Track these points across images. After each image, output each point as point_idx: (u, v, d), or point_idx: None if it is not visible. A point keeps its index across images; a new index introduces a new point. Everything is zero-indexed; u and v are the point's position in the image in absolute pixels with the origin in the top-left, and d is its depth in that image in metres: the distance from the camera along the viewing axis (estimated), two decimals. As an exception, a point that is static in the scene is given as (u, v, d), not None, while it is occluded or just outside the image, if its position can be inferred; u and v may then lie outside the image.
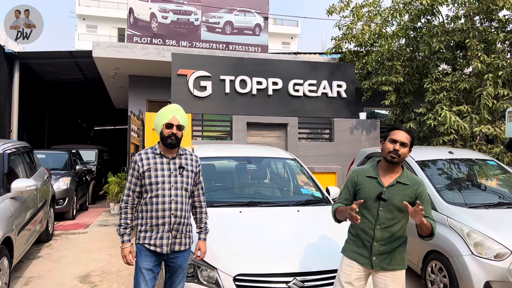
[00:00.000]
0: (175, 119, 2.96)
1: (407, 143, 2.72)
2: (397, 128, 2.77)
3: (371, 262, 2.74)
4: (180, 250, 2.98)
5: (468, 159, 5.81)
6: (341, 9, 11.09)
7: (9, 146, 5.69)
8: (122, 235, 2.96)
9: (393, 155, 2.69)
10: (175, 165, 3.00)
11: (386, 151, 2.73)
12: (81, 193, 10.32)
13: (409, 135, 2.75)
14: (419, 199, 2.70)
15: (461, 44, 8.93)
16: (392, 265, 2.74)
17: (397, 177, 2.75)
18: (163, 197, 2.91)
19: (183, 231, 2.99)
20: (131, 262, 2.96)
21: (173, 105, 3.08)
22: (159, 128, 2.99)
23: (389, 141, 2.74)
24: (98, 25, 35.99)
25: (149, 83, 12.17)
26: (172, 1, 12.57)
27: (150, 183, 2.92)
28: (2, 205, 4.61)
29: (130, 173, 3.02)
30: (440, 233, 4.51)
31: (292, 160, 5.27)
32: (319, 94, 10.13)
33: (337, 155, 9.50)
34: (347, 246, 2.91)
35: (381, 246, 2.73)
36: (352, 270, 2.80)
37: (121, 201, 3.02)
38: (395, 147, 2.69)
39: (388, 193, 2.71)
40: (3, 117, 12.97)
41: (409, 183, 2.74)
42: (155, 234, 2.91)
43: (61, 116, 22.36)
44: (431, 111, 8.46)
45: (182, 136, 3.01)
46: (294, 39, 43.59)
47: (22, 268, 5.56)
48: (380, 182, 2.75)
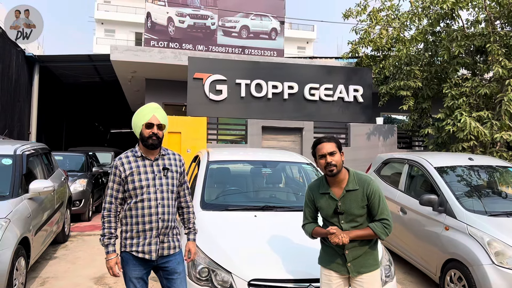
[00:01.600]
0: (155, 118, 2.82)
1: (335, 150, 2.73)
2: (318, 143, 2.78)
3: (347, 268, 2.75)
4: (170, 254, 2.86)
5: (488, 166, 5.67)
6: (358, 13, 11.02)
7: (28, 148, 5.77)
8: (107, 245, 2.78)
9: (329, 168, 2.70)
10: (158, 167, 2.86)
11: (322, 167, 2.75)
12: (97, 195, 10.41)
13: (332, 142, 2.76)
14: (371, 198, 2.70)
15: (481, 49, 8.77)
16: (367, 267, 2.75)
17: (344, 186, 2.75)
18: (149, 201, 2.78)
19: (170, 235, 2.87)
20: (118, 274, 2.80)
21: (152, 103, 2.95)
22: (138, 129, 2.84)
23: (319, 158, 2.77)
24: (116, 29, 36.48)
25: (166, 86, 12.26)
26: (189, 5, 12.67)
27: (134, 187, 2.78)
28: (20, 206, 4.67)
29: (111, 179, 2.86)
30: (460, 241, 4.40)
31: (307, 165, 5.22)
32: (335, 98, 10.06)
33: (353, 161, 9.41)
34: (322, 257, 2.90)
35: (353, 252, 2.74)
36: (331, 279, 2.80)
37: (102, 209, 2.85)
38: (326, 160, 2.71)
39: (342, 205, 2.73)
40: (22, 119, 13.22)
41: (357, 187, 2.73)
42: (142, 241, 2.78)
43: (78, 118, 22.72)
44: (450, 117, 8.31)
45: (163, 136, 2.88)
46: (310, 44, 43.47)
47: (39, 268, 5.62)
48: (332, 196, 2.76)
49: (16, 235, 4.21)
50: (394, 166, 6.59)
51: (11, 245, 4.04)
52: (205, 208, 4.16)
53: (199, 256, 3.32)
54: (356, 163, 9.34)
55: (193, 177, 5.12)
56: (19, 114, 12.94)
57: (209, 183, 4.60)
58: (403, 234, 5.65)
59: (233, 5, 13.06)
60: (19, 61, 12.65)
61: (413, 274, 5.61)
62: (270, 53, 13.18)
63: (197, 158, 5.44)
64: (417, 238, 5.27)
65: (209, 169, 4.77)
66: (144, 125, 2.81)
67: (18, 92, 12.71)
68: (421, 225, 5.21)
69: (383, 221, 2.69)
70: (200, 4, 12.79)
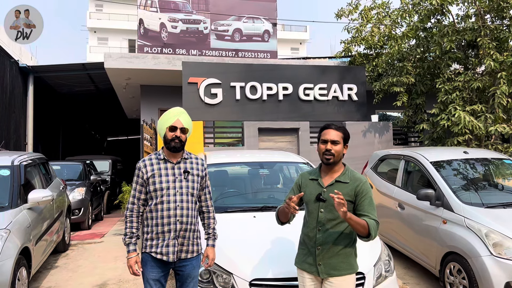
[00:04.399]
0: (179, 121, 2.90)
1: (339, 140, 2.66)
2: (326, 128, 2.71)
3: (317, 269, 2.62)
4: (187, 258, 2.89)
5: (483, 159, 5.73)
6: (349, 12, 11.09)
7: (25, 158, 5.78)
8: (128, 244, 2.87)
9: (327, 155, 2.64)
10: (179, 170, 2.91)
11: (321, 153, 2.68)
12: (96, 203, 10.41)
13: (340, 132, 2.69)
14: (359, 196, 2.61)
15: (472, 43, 8.85)
16: (339, 270, 2.59)
17: (337, 176, 2.69)
18: (168, 203, 2.83)
19: (190, 238, 2.89)
20: (137, 273, 2.86)
21: (177, 108, 3.01)
22: (163, 131, 2.92)
23: (321, 142, 2.70)
24: (109, 37, 36.49)
25: (161, 92, 12.27)
26: (181, 10, 12.70)
27: (155, 189, 2.84)
28: (20, 216, 4.68)
29: (134, 180, 2.94)
30: (458, 234, 4.44)
31: (305, 164, 5.26)
32: (330, 97, 10.10)
33: (350, 159, 9.42)
34: (297, 257, 2.80)
35: (325, 250, 2.61)
36: (305, 280, 2.70)
37: (126, 209, 2.95)
38: (326, 147, 2.65)
39: (327, 193, 2.62)
40: (18, 130, 13.20)
41: (349, 181, 2.66)
42: (161, 242, 2.83)
43: (74, 127, 22.68)
44: (444, 112, 8.36)
45: (186, 140, 2.94)
46: (303, 45, 43.59)
47: (40, 278, 5.62)
48: (320, 183, 2.69)
49: (17, 245, 4.22)
50: (390, 163, 6.63)
51: (12, 255, 4.05)
52: (204, 211, 4.18)
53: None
54: (353, 161, 9.37)
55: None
56: (15, 125, 12.92)
57: (207, 186, 4.62)
58: (402, 229, 5.69)
59: (225, 8, 13.09)
60: (13, 73, 12.64)
61: (413, 269, 5.65)
62: (264, 55, 13.22)
63: (195, 162, 5.46)
64: (416, 232, 5.31)
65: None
66: (168, 128, 2.89)
67: (13, 104, 12.69)
68: (419, 219, 5.25)
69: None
70: (192, 8, 12.83)
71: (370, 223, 2.52)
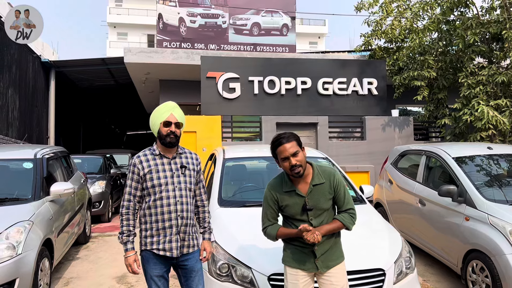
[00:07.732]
0: (172, 116, 2.85)
1: (297, 149, 2.58)
2: (278, 145, 2.60)
3: (316, 265, 2.63)
4: (189, 252, 2.88)
5: (508, 155, 5.57)
6: (370, 5, 10.92)
7: (47, 151, 5.89)
8: (125, 243, 2.81)
9: (295, 170, 2.56)
10: (176, 165, 2.89)
11: (287, 170, 2.60)
12: (116, 196, 10.55)
13: (292, 141, 2.60)
14: (337, 190, 2.64)
15: (497, 36, 8.60)
16: (334, 260, 2.67)
17: (310, 181, 2.64)
18: (167, 198, 2.79)
19: (190, 233, 2.88)
20: (137, 271, 2.83)
21: (169, 102, 2.96)
22: (156, 127, 2.87)
23: (282, 161, 2.61)
24: (128, 32, 36.87)
25: (179, 86, 12.35)
26: (200, 5, 12.73)
27: (153, 185, 2.80)
28: (42, 208, 4.77)
29: (129, 177, 2.88)
30: (481, 231, 4.34)
31: (323, 159, 5.20)
32: (349, 92, 9.99)
33: (370, 154, 9.35)
34: (287, 256, 2.75)
35: (322, 247, 2.63)
36: (298, 278, 2.68)
37: (121, 207, 2.88)
38: (290, 163, 2.55)
39: (310, 201, 2.61)
40: (41, 124, 13.47)
41: (323, 180, 2.64)
42: (163, 238, 2.80)
43: (95, 122, 23.04)
44: (467, 106, 8.18)
45: (180, 134, 2.90)
46: (322, 39, 43.25)
47: (62, 269, 5.73)
48: (299, 193, 2.63)
49: (40, 236, 4.31)
50: (411, 158, 6.52)
51: (35, 246, 4.13)
52: (222, 205, 4.20)
53: (219, 252, 3.35)
54: (373, 156, 9.28)
55: (209, 175, 5.15)
56: (37, 119, 13.19)
57: (225, 180, 4.63)
58: (423, 226, 5.60)
59: (244, 2, 13.07)
60: (35, 67, 12.90)
61: (434, 266, 5.56)
62: (282, 49, 13.16)
63: (213, 156, 5.48)
64: (437, 229, 5.22)
65: (225, 166, 4.80)
66: (162, 123, 2.84)
67: (35, 98, 12.96)
68: (440, 216, 5.15)
69: (349, 211, 2.64)
70: (210, 3, 12.83)
71: (342, 219, 2.61)
